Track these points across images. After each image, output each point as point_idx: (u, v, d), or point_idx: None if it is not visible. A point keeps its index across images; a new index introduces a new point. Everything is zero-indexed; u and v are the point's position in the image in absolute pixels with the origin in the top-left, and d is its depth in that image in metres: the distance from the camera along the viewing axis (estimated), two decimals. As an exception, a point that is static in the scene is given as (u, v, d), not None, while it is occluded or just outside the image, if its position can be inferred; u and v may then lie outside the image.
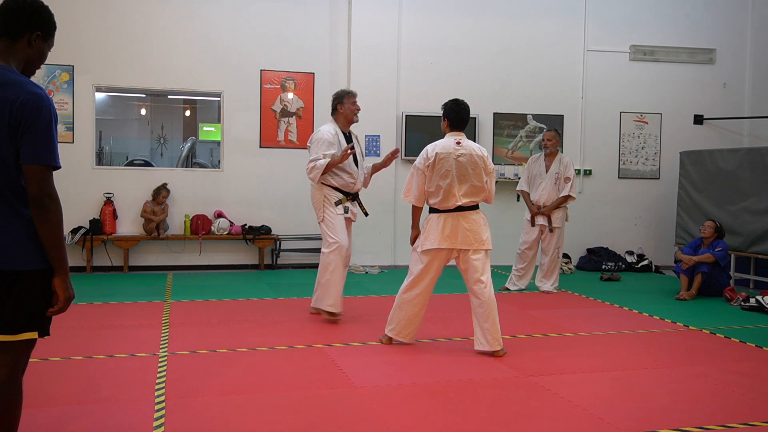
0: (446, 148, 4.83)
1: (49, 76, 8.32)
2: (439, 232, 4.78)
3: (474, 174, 4.80)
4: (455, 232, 4.77)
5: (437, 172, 4.80)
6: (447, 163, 4.78)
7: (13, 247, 2.32)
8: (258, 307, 6.43)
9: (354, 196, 5.93)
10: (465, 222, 4.78)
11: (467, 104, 5.03)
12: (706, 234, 7.53)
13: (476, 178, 4.81)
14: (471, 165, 4.79)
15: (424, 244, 4.84)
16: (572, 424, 3.51)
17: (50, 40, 2.52)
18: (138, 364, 4.44)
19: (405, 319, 4.93)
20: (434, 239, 4.79)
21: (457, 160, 4.79)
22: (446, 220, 4.79)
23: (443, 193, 4.79)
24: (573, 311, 6.50)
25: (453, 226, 4.78)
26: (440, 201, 4.81)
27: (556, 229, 7.40)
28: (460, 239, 4.77)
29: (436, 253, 4.82)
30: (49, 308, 2.41)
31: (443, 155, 4.80)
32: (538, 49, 9.62)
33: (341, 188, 5.83)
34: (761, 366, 4.70)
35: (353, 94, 5.93)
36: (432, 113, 9.25)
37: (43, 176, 2.31)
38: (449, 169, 4.78)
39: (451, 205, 4.79)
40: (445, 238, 4.77)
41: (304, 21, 9.08)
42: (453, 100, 5.03)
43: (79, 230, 8.31)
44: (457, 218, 4.79)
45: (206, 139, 12.92)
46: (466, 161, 4.79)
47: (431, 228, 4.84)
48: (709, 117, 10.21)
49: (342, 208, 5.82)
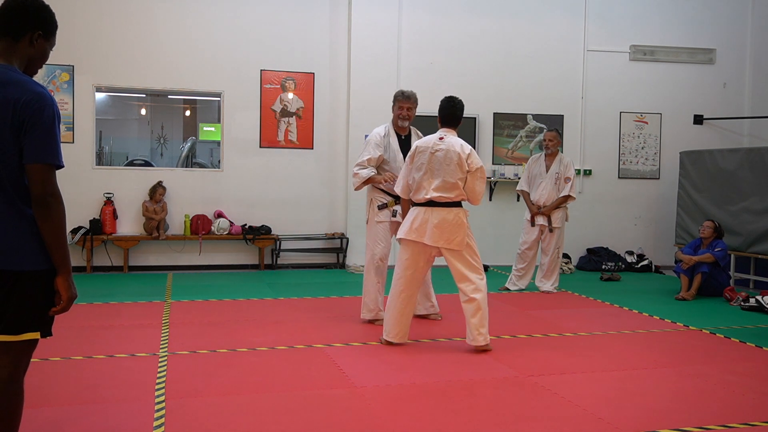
0: (427, 142, 4.92)
1: (49, 76, 8.32)
2: (409, 223, 4.85)
3: (447, 170, 4.80)
4: (423, 226, 4.79)
5: (414, 164, 4.92)
6: (423, 156, 4.86)
7: (15, 247, 2.33)
8: (258, 307, 6.43)
9: None
10: (433, 218, 4.78)
11: (461, 102, 5.06)
12: (706, 234, 7.53)
13: (449, 174, 4.80)
14: (446, 161, 4.80)
15: (399, 233, 4.98)
16: (572, 424, 3.51)
17: (52, 39, 2.52)
18: (138, 364, 4.44)
19: (392, 318, 4.95)
20: (404, 230, 4.88)
21: (433, 154, 4.83)
22: (418, 213, 4.85)
23: (416, 185, 4.88)
24: (573, 311, 6.50)
25: (422, 220, 4.80)
26: (414, 193, 4.92)
27: (556, 229, 7.40)
28: (428, 235, 4.78)
29: (410, 246, 4.86)
30: (52, 308, 2.42)
31: (422, 148, 4.90)
32: (538, 49, 9.62)
33: (389, 191, 5.61)
34: (761, 366, 4.70)
35: (403, 97, 5.73)
36: (432, 113, 9.18)
37: (46, 175, 2.31)
38: (423, 162, 4.85)
39: (422, 198, 4.84)
40: (413, 230, 4.81)
41: (304, 21, 9.08)
42: (447, 98, 5.09)
43: (79, 230, 8.31)
44: (428, 213, 4.81)
45: (206, 139, 12.92)
46: (441, 156, 4.81)
47: (406, 219, 4.96)
48: (709, 117, 10.21)
49: (387, 212, 5.64)
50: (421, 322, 5.82)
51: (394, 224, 5.65)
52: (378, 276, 5.62)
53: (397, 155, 5.64)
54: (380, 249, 5.62)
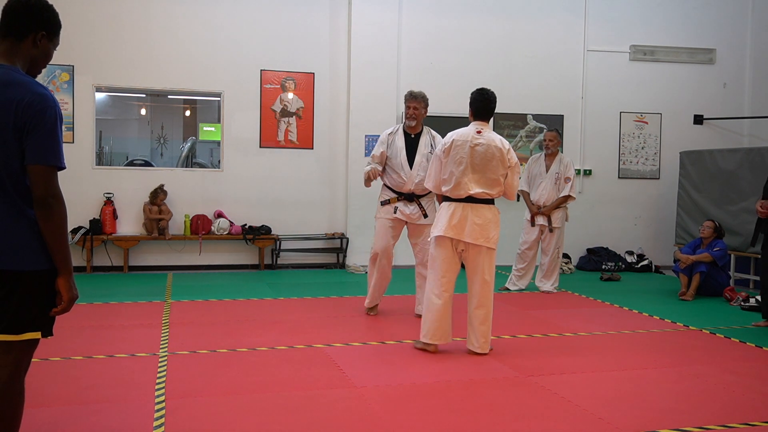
0: (464, 136, 4.73)
1: (49, 76, 8.32)
2: (447, 220, 4.65)
3: (489, 165, 4.66)
4: (463, 223, 4.63)
5: (452, 158, 4.69)
6: (462, 150, 4.67)
7: (17, 248, 2.33)
8: (258, 307, 6.43)
9: (410, 196, 5.75)
10: (474, 215, 4.64)
11: (494, 94, 4.90)
12: (705, 234, 7.53)
13: (491, 170, 4.67)
14: (487, 156, 4.66)
15: (433, 231, 4.77)
16: (572, 424, 3.51)
17: (55, 39, 2.52)
18: (138, 364, 4.44)
19: (435, 321, 4.72)
20: (441, 226, 4.67)
21: (474, 148, 4.66)
22: (456, 209, 4.66)
23: (455, 181, 4.67)
24: (573, 311, 6.50)
25: (462, 216, 4.64)
26: (451, 189, 4.69)
27: (556, 229, 7.40)
28: (467, 232, 4.62)
29: (446, 244, 4.68)
30: (53, 308, 2.42)
31: (460, 142, 4.70)
32: (538, 49, 9.62)
33: (393, 188, 5.80)
34: (761, 366, 4.70)
35: (410, 96, 5.81)
36: (432, 113, 9.21)
37: (48, 177, 2.31)
38: (463, 157, 4.66)
39: (462, 194, 4.66)
40: (452, 227, 4.63)
41: (304, 21, 9.08)
42: (478, 90, 4.92)
43: (79, 230, 8.31)
44: (467, 209, 4.65)
45: (206, 139, 12.92)
46: (482, 151, 4.65)
47: (440, 215, 4.74)
48: (709, 117, 10.21)
49: (389, 208, 5.77)
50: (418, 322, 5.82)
51: (397, 221, 5.76)
52: (374, 269, 5.81)
53: (399, 153, 5.72)
54: (378, 243, 5.78)
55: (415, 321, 5.87)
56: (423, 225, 5.75)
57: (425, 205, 5.77)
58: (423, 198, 5.78)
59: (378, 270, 5.82)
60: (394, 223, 5.77)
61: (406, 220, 5.78)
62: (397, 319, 5.96)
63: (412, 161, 5.72)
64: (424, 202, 5.78)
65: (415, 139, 5.80)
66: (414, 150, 5.74)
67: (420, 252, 5.80)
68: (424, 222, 5.74)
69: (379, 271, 5.82)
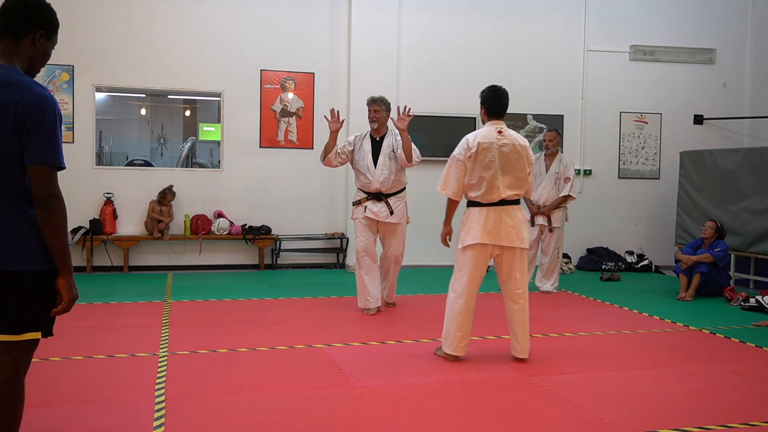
0: (488, 138, 4.52)
1: (49, 76, 8.32)
2: (481, 226, 4.47)
3: (517, 165, 4.53)
4: (497, 227, 4.47)
5: (480, 162, 4.48)
6: (490, 153, 4.48)
7: (17, 248, 2.33)
8: (258, 307, 6.43)
9: (378, 195, 6.03)
10: (508, 217, 4.50)
11: (506, 91, 4.70)
12: (707, 234, 7.53)
13: (519, 170, 4.54)
14: (514, 155, 4.52)
15: (465, 239, 4.53)
16: (572, 424, 3.51)
17: (54, 38, 2.52)
18: (138, 364, 4.44)
19: (459, 331, 4.57)
20: (476, 234, 4.48)
21: (500, 149, 4.50)
22: (488, 214, 4.49)
23: (486, 185, 4.48)
24: (573, 311, 6.50)
25: (496, 220, 4.48)
26: (483, 194, 4.50)
27: (555, 229, 7.40)
28: (503, 235, 4.48)
29: (476, 251, 4.51)
30: (53, 308, 2.42)
31: (486, 145, 4.49)
32: (538, 49, 9.62)
33: (362, 188, 6.15)
34: (761, 366, 4.70)
35: (370, 101, 6.12)
36: (432, 113, 9.26)
37: (48, 177, 2.31)
38: (492, 160, 4.47)
39: (495, 198, 4.49)
40: (488, 233, 4.46)
41: (304, 21, 9.08)
42: (490, 87, 4.71)
43: (79, 230, 8.31)
44: (500, 212, 4.49)
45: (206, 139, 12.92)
46: (509, 151, 4.51)
47: (472, 222, 4.52)
48: (709, 117, 10.21)
49: (360, 208, 6.10)
50: (418, 322, 5.83)
51: (370, 220, 6.07)
52: (362, 268, 6.05)
53: (366, 156, 6.07)
54: (360, 243, 6.09)
55: (414, 321, 5.87)
56: (393, 224, 6.09)
57: (392, 204, 6.06)
58: (390, 197, 6.08)
59: (364, 268, 6.05)
60: (367, 221, 6.09)
61: (375, 218, 6.06)
62: (396, 319, 5.96)
63: (376, 162, 6.04)
64: (392, 200, 6.08)
65: (380, 141, 6.12)
66: (379, 151, 6.07)
67: (386, 246, 6.20)
68: (391, 220, 6.06)
69: (365, 268, 6.05)
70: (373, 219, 6.06)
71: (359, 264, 6.08)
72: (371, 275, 6.07)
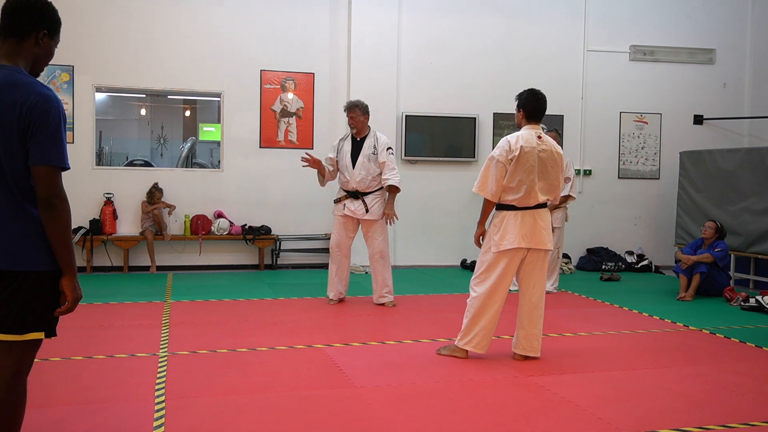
0: (529, 142, 4.50)
1: (49, 77, 8.32)
2: (518, 230, 4.47)
3: (552, 171, 4.57)
4: (533, 230, 4.50)
5: (521, 166, 4.46)
6: (531, 157, 4.48)
7: (22, 248, 2.33)
8: (258, 307, 6.43)
9: (356, 194, 6.30)
10: (541, 221, 4.54)
11: (544, 94, 4.70)
12: (707, 234, 7.53)
13: (554, 176, 4.59)
14: (551, 162, 4.56)
15: (502, 243, 4.49)
16: (572, 424, 3.51)
17: (56, 37, 2.53)
18: (138, 364, 4.44)
19: (485, 329, 4.59)
20: (513, 238, 4.47)
21: (539, 155, 4.52)
22: (524, 217, 4.50)
23: (525, 190, 4.48)
24: (573, 311, 6.50)
25: (531, 224, 4.50)
26: (521, 197, 4.50)
27: (555, 229, 7.38)
28: (537, 238, 4.52)
29: (514, 253, 4.52)
30: (57, 309, 2.42)
31: (528, 149, 4.47)
32: (538, 49, 9.62)
33: (342, 187, 6.43)
34: (761, 366, 4.70)
35: (346, 107, 6.41)
36: (432, 113, 9.27)
37: (52, 177, 2.31)
38: (533, 165, 4.48)
39: (532, 202, 4.51)
40: (524, 237, 4.48)
41: (304, 21, 9.08)
42: (529, 90, 4.70)
43: (79, 230, 8.31)
44: (533, 216, 4.52)
45: (206, 139, 12.92)
46: (546, 157, 4.54)
47: (509, 226, 4.50)
48: (709, 117, 10.21)
49: (340, 206, 6.38)
50: (418, 322, 5.83)
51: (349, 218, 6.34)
52: (333, 262, 6.43)
53: (346, 156, 6.35)
54: (334, 238, 6.44)
55: (414, 321, 5.88)
56: (370, 221, 6.30)
57: (368, 202, 6.27)
58: (367, 195, 6.29)
59: (335, 262, 6.42)
60: (345, 219, 6.36)
61: (352, 215, 6.30)
62: (397, 320, 5.96)
63: (355, 163, 6.28)
64: (368, 199, 6.29)
65: (361, 142, 6.37)
66: (359, 152, 6.31)
67: (369, 244, 6.39)
68: (367, 217, 6.27)
69: (336, 263, 6.41)
70: (350, 217, 6.32)
71: (331, 257, 6.45)
72: (340, 269, 6.42)
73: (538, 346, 4.66)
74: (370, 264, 6.44)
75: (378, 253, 6.33)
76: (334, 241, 6.41)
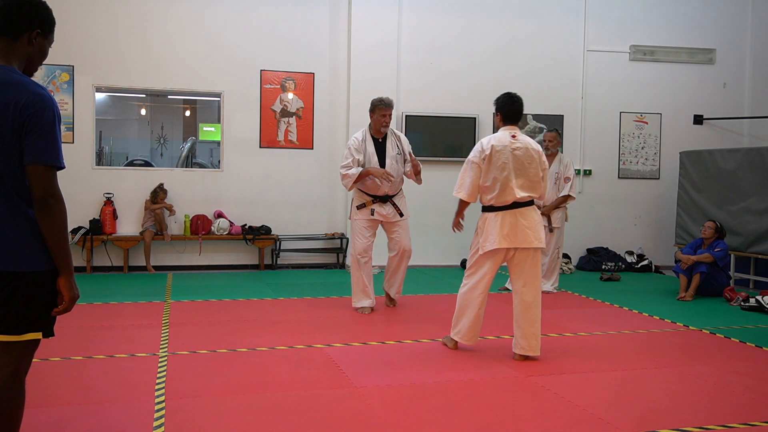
0: (502, 141, 4.69)
1: (49, 76, 8.32)
2: (498, 231, 4.60)
3: (530, 168, 4.67)
4: (514, 230, 4.60)
5: (494, 164, 4.64)
6: (503, 155, 4.63)
7: (18, 248, 2.33)
8: (258, 307, 6.44)
9: (384, 197, 6.06)
10: (524, 219, 4.62)
11: (521, 98, 4.88)
12: (707, 234, 7.53)
13: (533, 173, 4.68)
14: (527, 159, 4.66)
15: (485, 246, 4.66)
16: (572, 424, 3.51)
17: (50, 36, 2.52)
18: (138, 364, 4.44)
19: (471, 322, 4.78)
20: (494, 239, 4.61)
21: (514, 153, 4.65)
22: (504, 218, 4.62)
23: (500, 187, 4.62)
24: (573, 311, 6.50)
25: (512, 224, 4.60)
26: (497, 196, 4.63)
27: (555, 229, 7.39)
28: (521, 238, 4.60)
29: (496, 254, 4.66)
30: (54, 308, 2.42)
31: (499, 147, 4.65)
32: (538, 49, 9.62)
33: (367, 191, 6.08)
34: (761, 366, 4.70)
35: (384, 105, 6.01)
36: (432, 113, 9.27)
37: (47, 177, 2.31)
38: (506, 162, 4.62)
39: (509, 200, 4.62)
40: (505, 237, 4.59)
41: (304, 21, 9.08)
42: (505, 94, 4.89)
43: (79, 230, 8.31)
44: (515, 215, 4.62)
45: (206, 139, 12.93)
46: (522, 154, 4.66)
47: (490, 228, 4.65)
48: (709, 117, 10.21)
49: (366, 211, 6.09)
50: (418, 322, 5.83)
51: (373, 221, 6.10)
52: (360, 270, 6.12)
53: (372, 158, 6.02)
54: (359, 244, 6.10)
55: (414, 321, 5.87)
56: (400, 220, 6.15)
57: (399, 204, 6.13)
58: (395, 197, 6.12)
59: (362, 269, 6.13)
60: (370, 223, 6.11)
61: (384, 220, 6.12)
62: (396, 319, 5.96)
63: (383, 165, 6.01)
64: (398, 201, 6.13)
65: (383, 142, 6.10)
66: (383, 153, 6.05)
67: (394, 243, 6.18)
68: (398, 219, 6.13)
69: (364, 269, 6.13)
70: (376, 221, 6.11)
71: (357, 265, 6.11)
72: (369, 276, 6.18)
73: (537, 345, 4.67)
74: (393, 261, 6.22)
75: (405, 251, 6.15)
76: (361, 248, 6.08)
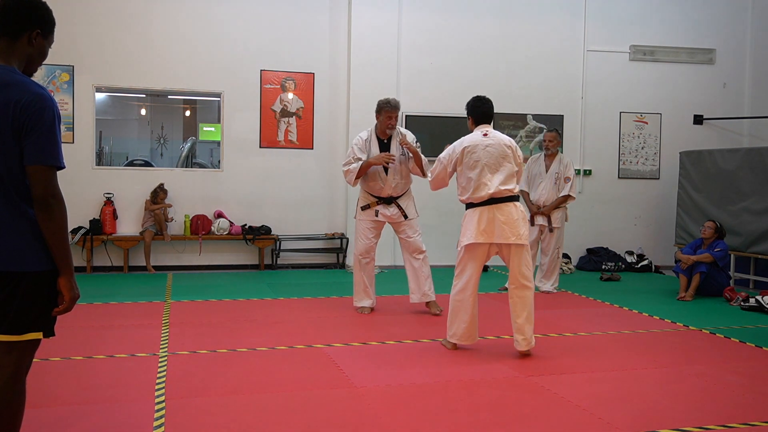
0: (473, 141, 4.85)
1: (49, 76, 8.32)
2: (475, 226, 4.70)
3: (504, 162, 4.77)
4: (491, 225, 4.68)
5: (466, 164, 4.79)
6: (475, 154, 4.78)
7: (18, 248, 2.33)
8: (258, 307, 6.43)
9: (389, 199, 6.03)
10: (500, 214, 4.68)
11: (489, 99, 5.05)
12: (707, 234, 7.53)
13: (509, 166, 4.79)
14: (501, 153, 4.78)
15: (462, 240, 4.80)
16: (572, 424, 3.51)
17: (50, 37, 2.52)
18: (138, 364, 4.44)
19: (463, 323, 4.82)
20: (471, 234, 4.71)
21: (486, 149, 4.78)
22: (482, 213, 4.71)
23: (474, 184, 4.74)
24: (573, 311, 6.50)
25: (489, 219, 4.68)
26: (472, 193, 4.75)
27: (555, 229, 7.40)
28: (497, 233, 4.66)
29: (474, 248, 4.75)
30: (55, 308, 2.42)
31: (470, 147, 4.81)
32: (538, 49, 9.62)
33: (371, 192, 6.07)
34: (761, 366, 4.70)
35: (391, 107, 5.95)
36: (432, 113, 9.27)
37: (47, 176, 2.31)
38: (478, 160, 4.75)
39: (484, 195, 4.70)
40: (481, 232, 4.68)
41: (304, 21, 9.08)
42: (474, 98, 5.05)
43: (79, 230, 8.31)
44: (492, 211, 4.69)
45: (206, 139, 12.93)
46: (494, 150, 4.78)
47: (467, 223, 4.78)
48: (709, 117, 10.21)
49: (370, 212, 6.07)
50: (418, 322, 5.83)
51: (378, 223, 6.08)
52: (362, 270, 6.11)
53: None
54: (361, 245, 6.08)
55: (415, 321, 5.87)
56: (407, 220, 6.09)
57: (404, 206, 6.07)
58: (400, 198, 6.07)
59: (364, 270, 6.12)
60: (374, 224, 6.09)
61: (388, 221, 6.09)
62: (396, 319, 5.96)
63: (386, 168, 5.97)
64: (402, 202, 6.08)
65: (387, 143, 6.06)
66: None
67: (407, 244, 6.09)
68: (404, 221, 6.08)
69: (366, 270, 6.12)
70: (381, 222, 6.10)
71: (359, 265, 6.10)
72: (371, 276, 6.17)
73: (531, 340, 4.72)
74: (408, 262, 6.09)
75: (417, 250, 6.06)
76: (363, 248, 6.07)
